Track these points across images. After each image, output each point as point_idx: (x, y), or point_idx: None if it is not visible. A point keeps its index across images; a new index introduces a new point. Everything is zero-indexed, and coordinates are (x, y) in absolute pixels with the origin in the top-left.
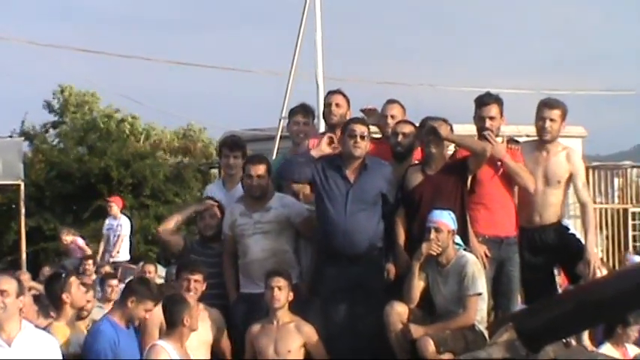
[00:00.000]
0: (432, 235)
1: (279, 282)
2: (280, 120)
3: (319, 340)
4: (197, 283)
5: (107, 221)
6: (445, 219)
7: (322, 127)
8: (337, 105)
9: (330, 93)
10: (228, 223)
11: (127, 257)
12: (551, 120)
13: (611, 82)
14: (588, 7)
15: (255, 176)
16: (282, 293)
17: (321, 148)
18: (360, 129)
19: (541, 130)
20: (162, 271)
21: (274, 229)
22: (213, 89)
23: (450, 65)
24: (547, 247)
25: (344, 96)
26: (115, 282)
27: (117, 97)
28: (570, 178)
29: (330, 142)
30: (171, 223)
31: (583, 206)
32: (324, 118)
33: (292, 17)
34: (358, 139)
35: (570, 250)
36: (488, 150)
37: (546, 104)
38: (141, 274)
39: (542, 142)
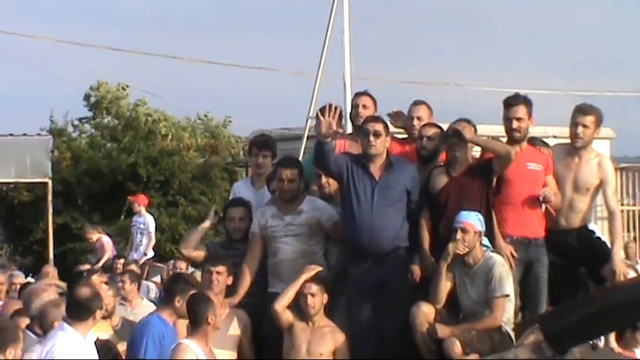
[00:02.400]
0: (459, 235)
1: (312, 289)
2: (307, 120)
3: (347, 349)
4: (219, 276)
5: (134, 219)
6: (472, 220)
7: (349, 128)
8: (364, 106)
9: (358, 94)
10: (260, 225)
11: (152, 254)
12: (584, 126)
13: None
14: (618, 8)
15: (287, 180)
16: (315, 299)
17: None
18: (372, 127)
19: (574, 135)
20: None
21: (305, 231)
22: (240, 88)
23: (477, 65)
24: (572, 250)
25: (371, 97)
26: (125, 278)
27: (144, 95)
28: (600, 185)
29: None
30: (191, 242)
31: (611, 214)
32: (351, 119)
33: (320, 18)
34: (371, 137)
35: (595, 253)
36: (512, 153)
37: (580, 110)
38: (172, 270)
39: (574, 147)
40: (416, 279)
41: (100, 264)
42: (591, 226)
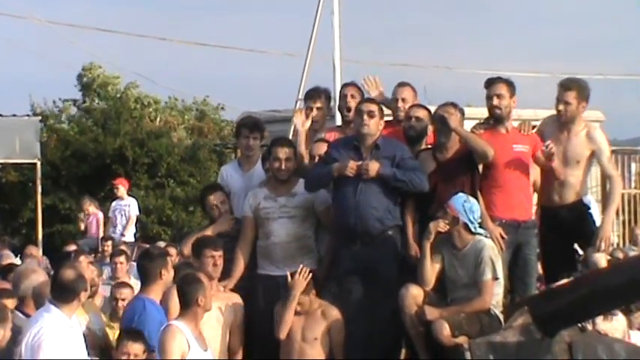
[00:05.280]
0: (440, 213)
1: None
2: (297, 102)
3: (342, 325)
4: (220, 259)
5: (113, 203)
6: (456, 205)
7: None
8: (352, 96)
9: (345, 85)
10: (252, 207)
11: (132, 239)
12: (566, 103)
13: (632, 66)
14: None
15: (284, 159)
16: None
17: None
18: (367, 107)
19: (557, 112)
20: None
21: (300, 213)
22: (229, 70)
23: (467, 48)
24: (564, 225)
25: (358, 87)
26: (122, 259)
27: (133, 76)
28: (592, 156)
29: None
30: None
31: (610, 179)
32: (339, 110)
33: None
34: (365, 117)
35: (584, 233)
36: (489, 155)
37: (562, 85)
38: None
39: (562, 123)
40: (413, 254)
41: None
42: (587, 198)
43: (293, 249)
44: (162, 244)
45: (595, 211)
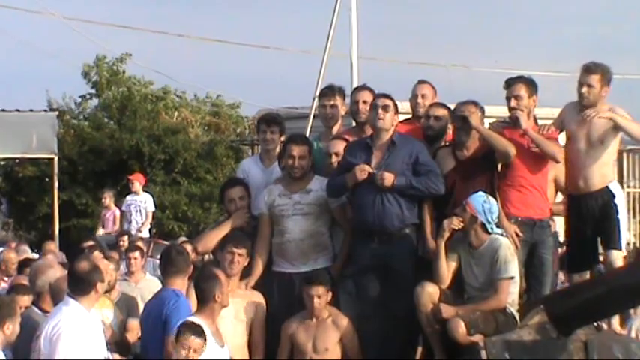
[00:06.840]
0: (457, 210)
1: (319, 290)
2: (314, 99)
3: (354, 333)
4: (240, 257)
5: (128, 198)
6: (476, 204)
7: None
8: (364, 102)
9: (357, 89)
10: (268, 203)
11: (147, 235)
12: (589, 85)
13: None
14: None
15: (297, 157)
16: (321, 300)
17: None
18: (382, 102)
19: (580, 95)
20: None
21: (314, 211)
22: (247, 67)
23: (485, 46)
24: (590, 216)
25: (370, 91)
26: (137, 254)
27: (150, 72)
28: (616, 133)
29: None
30: (211, 243)
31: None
32: (351, 112)
33: None
34: (380, 110)
35: (606, 229)
36: (511, 153)
37: (586, 68)
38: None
39: (583, 106)
40: (432, 248)
41: (115, 233)
42: (613, 185)
43: (307, 246)
44: (183, 239)
45: (620, 200)
